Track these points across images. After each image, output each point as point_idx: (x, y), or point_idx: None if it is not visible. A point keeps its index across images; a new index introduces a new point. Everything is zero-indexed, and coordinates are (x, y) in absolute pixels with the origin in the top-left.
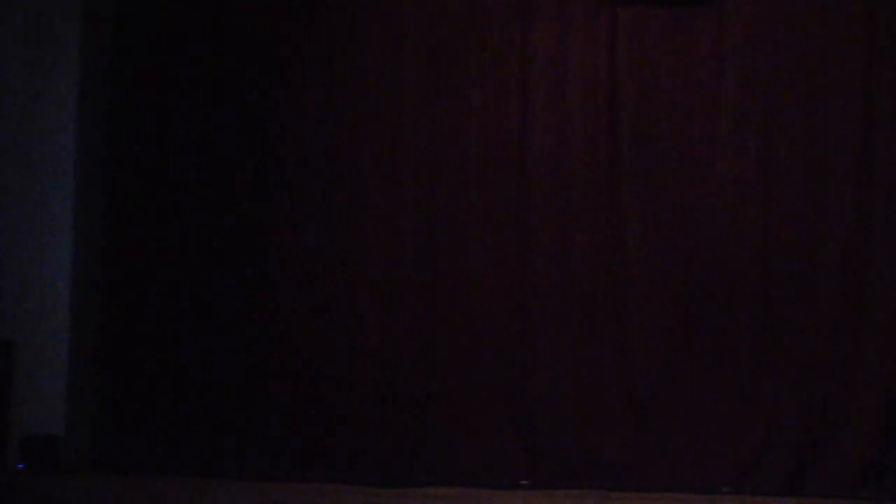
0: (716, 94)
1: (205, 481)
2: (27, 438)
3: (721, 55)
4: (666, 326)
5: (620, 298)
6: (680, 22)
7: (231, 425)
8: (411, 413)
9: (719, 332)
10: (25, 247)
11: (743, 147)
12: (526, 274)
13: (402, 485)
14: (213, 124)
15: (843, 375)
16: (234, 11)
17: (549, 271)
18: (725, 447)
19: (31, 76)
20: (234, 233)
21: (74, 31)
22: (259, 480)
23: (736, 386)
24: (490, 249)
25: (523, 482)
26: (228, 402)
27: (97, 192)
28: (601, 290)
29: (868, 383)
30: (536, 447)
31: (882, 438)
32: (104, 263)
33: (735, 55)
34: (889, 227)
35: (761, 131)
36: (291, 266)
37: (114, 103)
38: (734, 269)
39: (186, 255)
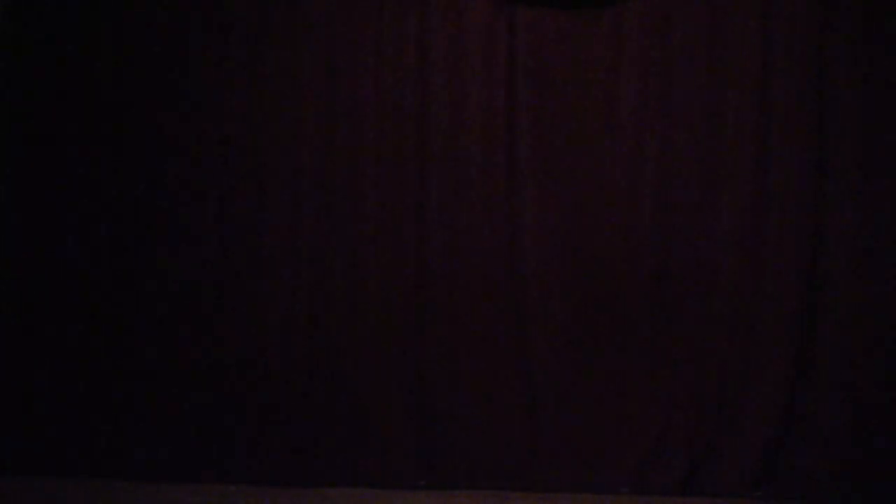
0: (614, 98)
1: (104, 482)
2: None
3: (619, 58)
4: (563, 327)
5: (517, 299)
6: (578, 23)
7: (131, 425)
8: (306, 413)
9: (615, 333)
10: None
11: (640, 150)
12: (422, 275)
13: (299, 485)
14: (105, 117)
15: (737, 376)
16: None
17: (445, 273)
18: (622, 448)
19: None
20: (119, 236)
21: None
22: (159, 481)
23: (632, 386)
24: (385, 250)
25: (421, 483)
26: (128, 402)
27: None
28: (498, 291)
29: (761, 384)
30: (435, 448)
31: (775, 438)
32: None
33: (633, 59)
34: (783, 230)
35: (659, 135)
36: (179, 268)
37: None
38: (631, 271)
39: (73, 251)
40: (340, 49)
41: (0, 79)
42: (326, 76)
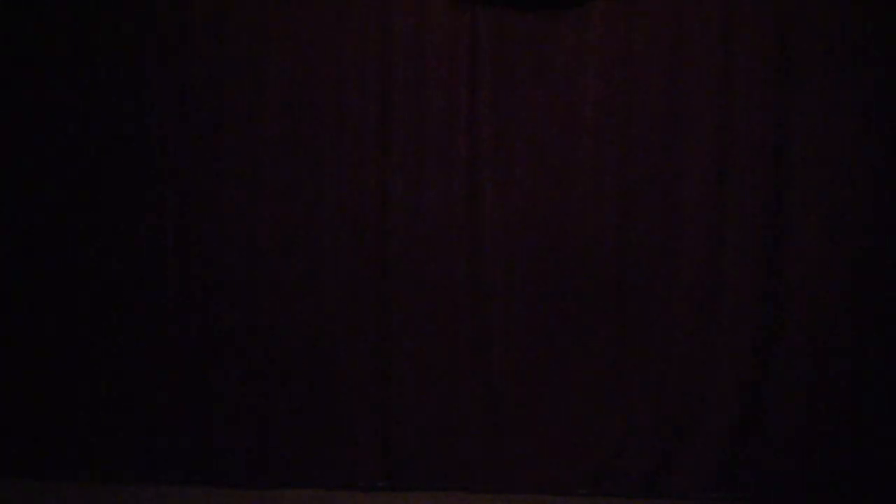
0: (576, 98)
1: (49, 483)
2: None
3: (582, 59)
4: (524, 329)
5: (479, 299)
6: (541, 25)
7: (82, 426)
8: (266, 414)
9: (576, 333)
10: None
11: (602, 150)
12: (382, 277)
13: (258, 487)
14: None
15: (697, 378)
16: None
17: (406, 274)
18: (583, 449)
19: None
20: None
21: None
22: (108, 482)
23: (593, 388)
24: (347, 250)
25: (380, 483)
26: (82, 403)
27: None
28: (459, 291)
29: (722, 386)
30: (394, 448)
31: (735, 441)
32: None
33: (595, 60)
34: (744, 231)
35: (620, 135)
36: (137, 273)
37: None
38: (592, 272)
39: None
40: (302, 50)
41: None
42: (288, 77)
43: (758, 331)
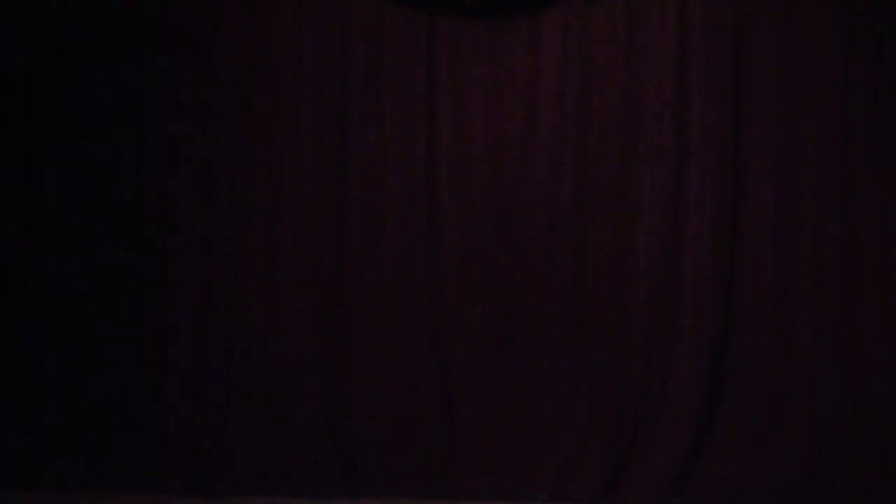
0: (532, 106)
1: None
2: None
3: (538, 67)
4: (481, 336)
5: (436, 306)
6: (497, 32)
7: (35, 434)
8: (224, 421)
9: (534, 338)
10: None
11: (559, 152)
12: (340, 282)
13: (214, 494)
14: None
15: (654, 385)
16: None
17: (363, 280)
18: (542, 455)
19: None
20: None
21: None
22: (62, 491)
23: (551, 393)
24: (304, 254)
25: (339, 490)
26: (32, 410)
27: None
28: (417, 299)
29: (679, 392)
30: (352, 455)
31: (693, 446)
32: None
33: (551, 67)
34: (700, 235)
35: (577, 136)
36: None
37: None
38: (549, 276)
39: None
40: (260, 57)
41: None
42: (245, 80)
43: (714, 337)
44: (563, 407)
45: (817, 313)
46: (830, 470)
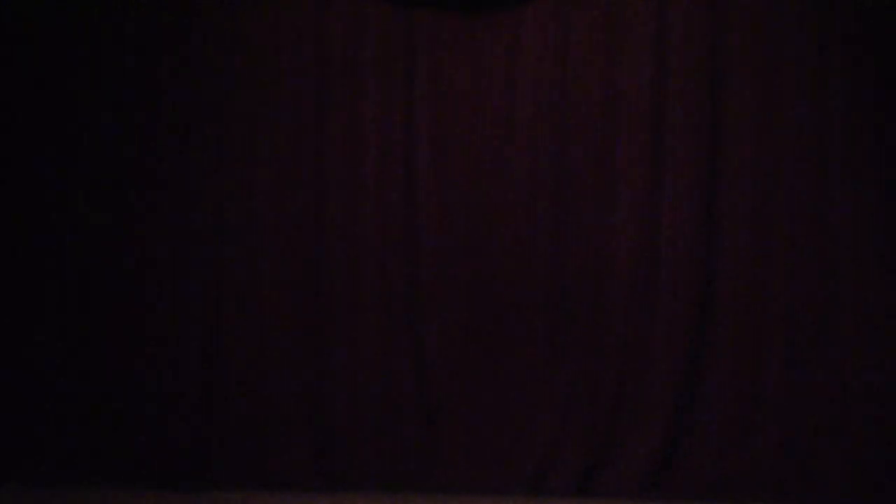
0: (511, 101)
1: None
2: None
3: (516, 61)
4: (459, 330)
5: (414, 301)
6: (476, 28)
7: (8, 429)
8: (200, 414)
9: (511, 333)
10: None
11: (538, 149)
12: (319, 277)
13: (192, 489)
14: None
15: (632, 378)
16: None
17: (342, 276)
18: (519, 449)
19: None
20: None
21: None
22: (39, 487)
23: (528, 388)
24: (282, 251)
25: (317, 484)
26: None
27: None
28: (395, 294)
29: (657, 386)
30: (330, 450)
31: (671, 439)
32: None
33: (530, 62)
34: (678, 232)
35: (555, 132)
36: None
37: None
38: (527, 274)
39: None
40: (238, 50)
41: None
42: (222, 80)
43: (691, 332)
44: (540, 402)
45: (794, 308)
46: (806, 464)
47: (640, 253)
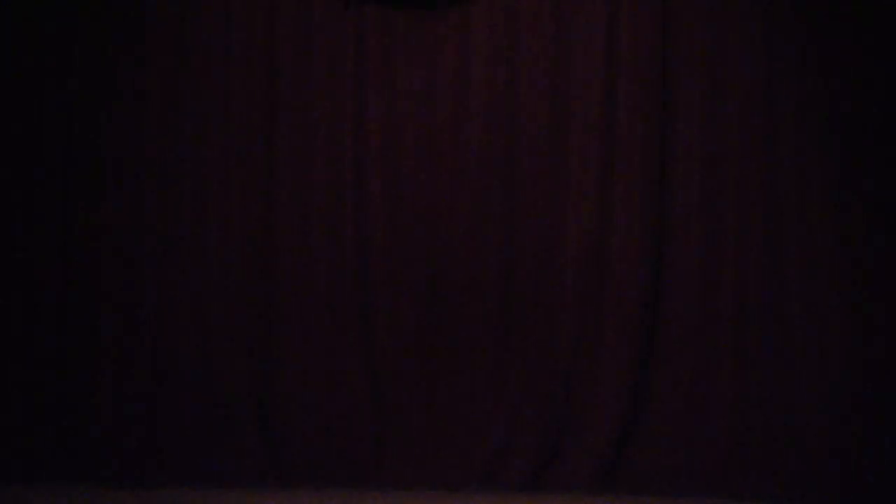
0: (461, 98)
1: None
2: None
3: (467, 58)
4: (410, 324)
5: (364, 296)
6: (426, 24)
7: None
8: (149, 411)
9: (463, 330)
10: None
11: (489, 145)
12: (269, 271)
13: (143, 487)
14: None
15: (584, 372)
16: None
17: (292, 271)
18: (471, 444)
19: None
20: None
21: None
22: None
23: (480, 382)
24: (231, 246)
25: (268, 480)
26: None
27: None
28: (345, 289)
29: (608, 378)
30: (281, 446)
31: (624, 431)
32: None
33: (480, 58)
34: (628, 230)
35: (506, 130)
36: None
37: None
38: (478, 269)
39: None
40: (189, 42)
41: None
42: (172, 75)
43: (642, 327)
44: (492, 396)
45: (742, 304)
46: (755, 457)
47: (591, 252)
